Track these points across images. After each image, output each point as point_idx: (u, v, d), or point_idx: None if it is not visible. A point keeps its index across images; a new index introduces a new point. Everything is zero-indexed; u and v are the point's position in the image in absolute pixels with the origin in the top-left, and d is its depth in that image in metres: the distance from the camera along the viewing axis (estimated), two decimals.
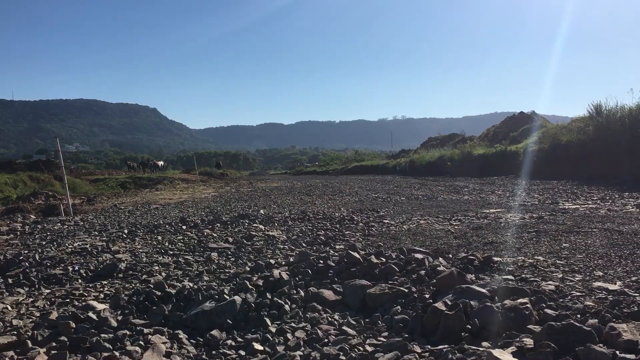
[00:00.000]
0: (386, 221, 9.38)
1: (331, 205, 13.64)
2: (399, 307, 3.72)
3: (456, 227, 7.99)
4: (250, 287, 4.22)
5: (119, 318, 3.86)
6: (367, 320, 3.66)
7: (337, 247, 6.78)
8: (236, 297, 3.89)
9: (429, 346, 2.97)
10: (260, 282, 4.35)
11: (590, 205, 10.15)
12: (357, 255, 4.75)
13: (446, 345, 2.89)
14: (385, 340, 3.17)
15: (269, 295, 4.04)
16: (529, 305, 3.07)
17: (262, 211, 12.01)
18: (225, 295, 3.97)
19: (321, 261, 4.87)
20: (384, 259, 4.81)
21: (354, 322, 3.59)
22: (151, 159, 61.57)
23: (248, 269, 5.27)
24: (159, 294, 4.23)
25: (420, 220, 9.29)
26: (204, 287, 4.31)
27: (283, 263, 5.34)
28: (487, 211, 10.09)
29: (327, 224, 9.34)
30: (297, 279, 4.54)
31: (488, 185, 20.02)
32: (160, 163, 50.60)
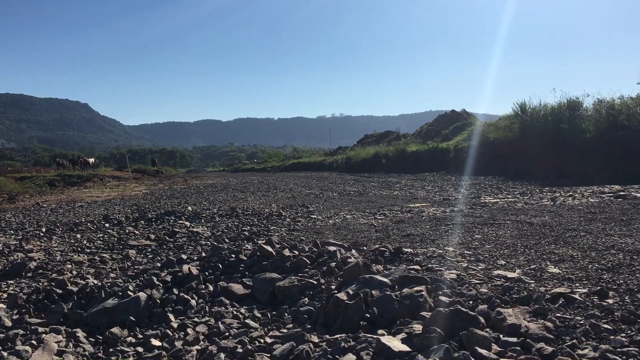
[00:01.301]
0: (314, 216, 9.41)
1: (263, 201, 13.57)
2: (306, 298, 3.73)
3: (380, 221, 8.11)
4: (157, 282, 4.12)
5: (15, 317, 3.68)
6: (274, 312, 3.65)
7: (260, 242, 6.74)
8: (141, 294, 3.79)
9: (328, 335, 2.99)
10: (169, 278, 4.26)
11: (510, 199, 10.56)
12: (270, 249, 4.73)
13: (343, 334, 2.91)
14: (287, 331, 3.16)
15: (175, 291, 3.97)
16: (423, 293, 3.14)
17: (189, 208, 11.80)
18: (129, 292, 3.86)
19: (233, 255, 4.82)
20: (296, 252, 4.82)
21: (259, 315, 3.58)
22: (82, 156, 59.41)
23: (159, 265, 5.16)
24: (60, 292, 4.06)
25: (347, 215, 9.38)
26: (109, 284, 4.18)
27: (195, 258, 5.25)
28: (413, 205, 10.31)
29: (255, 220, 9.29)
30: (206, 273, 4.47)
31: (419, 181, 20.48)
32: (91, 160, 48.80)
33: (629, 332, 2.64)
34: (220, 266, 4.58)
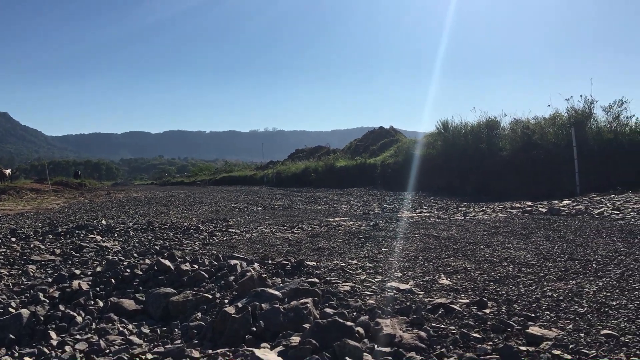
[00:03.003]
0: (232, 230, 9.33)
1: (185, 215, 13.33)
2: (199, 313, 3.67)
3: (296, 235, 8.13)
4: (43, 299, 3.93)
5: None
6: (165, 328, 3.56)
7: (164, 255, 6.57)
8: (23, 310, 3.60)
9: (210, 350, 2.94)
10: (57, 294, 4.08)
11: (426, 214, 10.87)
12: (168, 263, 4.63)
13: (226, 349, 2.88)
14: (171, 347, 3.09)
15: (62, 307, 3.80)
16: (309, 305, 3.16)
17: (104, 222, 11.41)
18: (10, 309, 3.66)
19: (128, 270, 4.68)
20: (196, 266, 4.75)
21: (147, 331, 3.48)
22: None
23: (50, 280, 4.93)
24: None
25: (265, 229, 9.35)
26: None
27: (89, 273, 5.06)
28: (332, 219, 10.41)
29: (170, 234, 9.09)
30: (97, 289, 4.32)
31: (346, 195, 20.72)
32: (8, 172, 46.16)
33: (496, 340, 2.76)
34: (113, 281, 4.43)
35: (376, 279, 4.36)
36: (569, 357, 2.48)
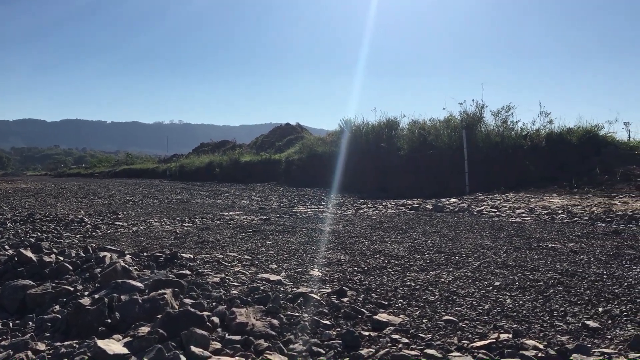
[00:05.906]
0: (119, 223, 9.01)
1: (73, 207, 12.71)
2: (57, 306, 3.52)
3: (185, 228, 8.00)
4: None
5: None
6: (18, 322, 3.39)
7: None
8: None
9: (59, 343, 2.84)
10: None
11: (320, 209, 11.06)
12: (29, 254, 4.40)
13: (75, 341, 2.79)
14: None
15: None
16: (166, 296, 3.14)
17: None
18: None
19: None
20: (61, 258, 4.55)
21: None
22: None
23: None
24: None
25: (155, 222, 9.12)
26: None
27: None
28: (226, 214, 10.34)
29: (52, 227, 8.63)
30: None
31: (248, 191, 20.64)
32: None
33: (344, 326, 2.89)
34: None
35: (250, 271, 4.40)
36: (406, 340, 2.64)
